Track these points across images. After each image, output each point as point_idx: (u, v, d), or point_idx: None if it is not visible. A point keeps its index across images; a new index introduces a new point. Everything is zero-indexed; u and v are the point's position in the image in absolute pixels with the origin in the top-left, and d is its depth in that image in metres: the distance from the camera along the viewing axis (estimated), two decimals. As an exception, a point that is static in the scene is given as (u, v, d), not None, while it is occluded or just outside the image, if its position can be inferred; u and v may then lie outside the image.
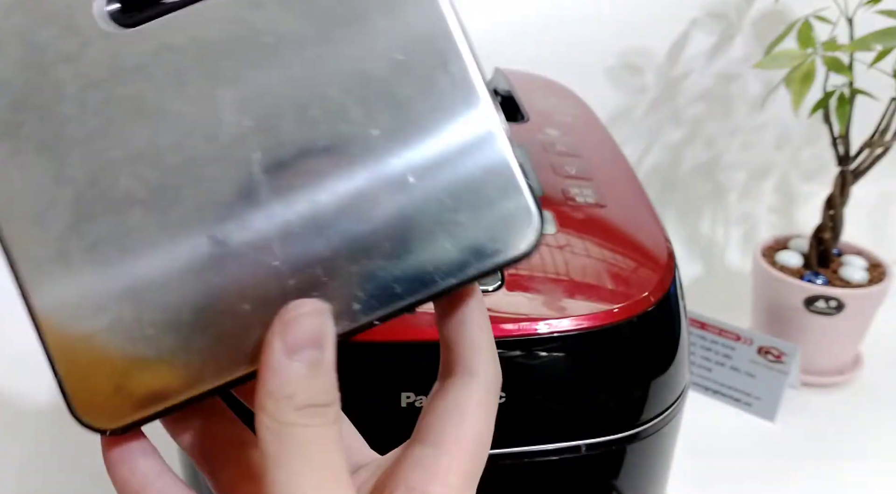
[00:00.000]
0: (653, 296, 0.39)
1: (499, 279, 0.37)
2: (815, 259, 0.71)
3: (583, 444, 0.38)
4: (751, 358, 0.67)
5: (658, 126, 0.91)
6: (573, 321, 0.36)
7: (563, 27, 0.84)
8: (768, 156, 0.93)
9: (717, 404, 0.69)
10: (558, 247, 0.40)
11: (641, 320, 0.38)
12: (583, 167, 0.47)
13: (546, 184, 0.45)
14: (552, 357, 0.36)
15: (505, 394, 0.36)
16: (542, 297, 0.37)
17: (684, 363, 0.41)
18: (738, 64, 0.86)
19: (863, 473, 0.61)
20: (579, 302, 0.37)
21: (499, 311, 0.36)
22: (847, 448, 0.64)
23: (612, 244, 0.41)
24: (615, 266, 0.39)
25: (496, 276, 0.37)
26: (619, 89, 0.88)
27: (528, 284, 0.37)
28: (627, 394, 0.39)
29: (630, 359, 0.39)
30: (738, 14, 0.85)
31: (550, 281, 0.38)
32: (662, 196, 0.93)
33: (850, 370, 0.72)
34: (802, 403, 0.69)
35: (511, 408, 0.36)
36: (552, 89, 0.63)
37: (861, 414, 0.68)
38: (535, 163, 0.47)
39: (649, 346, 0.39)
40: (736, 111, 0.90)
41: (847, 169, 0.68)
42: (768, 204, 0.94)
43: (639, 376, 0.39)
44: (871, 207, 0.91)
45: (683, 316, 0.41)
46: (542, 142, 0.49)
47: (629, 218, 0.44)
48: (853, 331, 0.71)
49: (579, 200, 0.44)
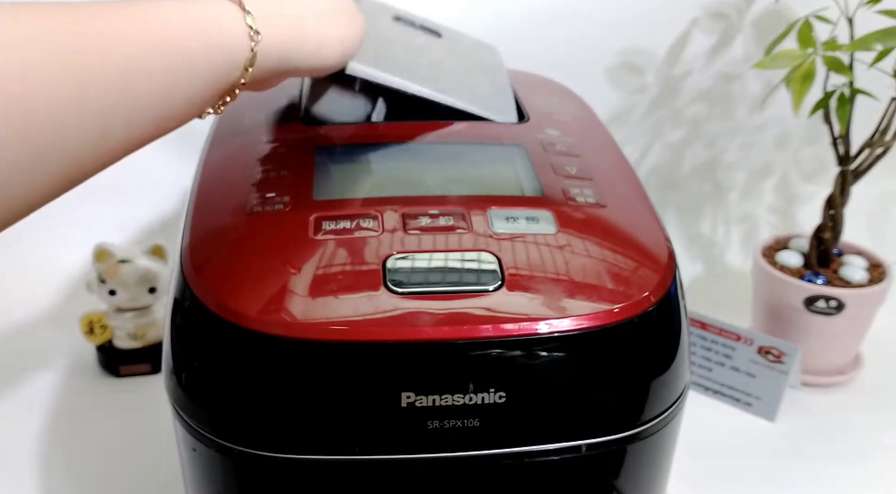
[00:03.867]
0: (653, 296, 0.38)
1: (499, 278, 0.38)
2: (815, 259, 0.71)
3: (583, 444, 0.38)
4: (751, 358, 0.67)
5: (658, 126, 0.91)
6: (573, 321, 0.36)
7: (564, 27, 0.84)
8: (768, 156, 0.93)
9: (717, 404, 0.69)
10: (558, 247, 0.40)
11: (642, 320, 0.38)
12: (583, 167, 0.47)
13: (546, 184, 0.45)
14: (552, 357, 0.36)
15: (505, 394, 0.36)
16: (542, 297, 0.37)
17: (684, 363, 0.41)
18: (738, 64, 0.87)
19: (863, 473, 0.61)
20: (580, 301, 0.37)
21: (499, 311, 0.36)
22: (847, 448, 0.64)
23: (612, 244, 0.41)
24: (615, 266, 0.39)
25: (496, 276, 0.37)
26: (619, 89, 0.88)
27: (528, 284, 0.37)
28: (628, 394, 0.39)
29: (630, 359, 0.38)
30: (738, 14, 0.85)
31: (551, 281, 0.38)
32: (662, 196, 0.93)
33: (850, 370, 0.72)
34: (802, 403, 0.69)
35: (512, 408, 0.36)
36: (553, 89, 0.63)
37: (861, 414, 0.68)
38: (536, 162, 0.47)
39: (650, 346, 0.39)
40: (736, 111, 0.90)
41: (847, 169, 0.68)
42: (768, 204, 0.94)
43: (639, 376, 0.39)
44: (872, 207, 0.91)
45: (684, 316, 0.41)
46: (543, 142, 0.49)
47: (629, 217, 0.44)
48: (853, 331, 0.71)
49: (579, 200, 0.43)
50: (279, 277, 0.37)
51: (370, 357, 0.35)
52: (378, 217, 0.41)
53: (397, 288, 0.37)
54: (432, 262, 0.38)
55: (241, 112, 0.56)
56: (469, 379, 0.35)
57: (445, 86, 0.52)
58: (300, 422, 0.36)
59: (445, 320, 0.35)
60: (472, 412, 0.36)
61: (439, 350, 0.35)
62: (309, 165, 0.46)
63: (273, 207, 0.42)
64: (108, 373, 0.71)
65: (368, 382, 0.35)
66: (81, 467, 0.60)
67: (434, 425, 0.36)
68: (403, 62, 0.53)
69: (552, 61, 0.73)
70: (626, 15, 0.84)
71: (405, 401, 0.35)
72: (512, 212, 0.42)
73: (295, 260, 0.38)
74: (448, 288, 0.37)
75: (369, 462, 0.36)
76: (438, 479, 0.39)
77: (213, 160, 0.50)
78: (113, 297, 0.68)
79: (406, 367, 0.35)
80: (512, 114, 0.53)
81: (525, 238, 0.40)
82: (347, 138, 0.50)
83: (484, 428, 0.36)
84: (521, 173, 0.46)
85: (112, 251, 0.68)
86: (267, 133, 0.51)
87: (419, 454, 0.37)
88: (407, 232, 0.40)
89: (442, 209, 0.42)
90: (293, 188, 0.44)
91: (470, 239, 0.40)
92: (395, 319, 0.35)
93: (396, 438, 0.37)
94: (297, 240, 0.39)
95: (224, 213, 0.43)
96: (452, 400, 0.35)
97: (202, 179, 0.47)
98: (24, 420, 0.65)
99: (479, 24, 0.84)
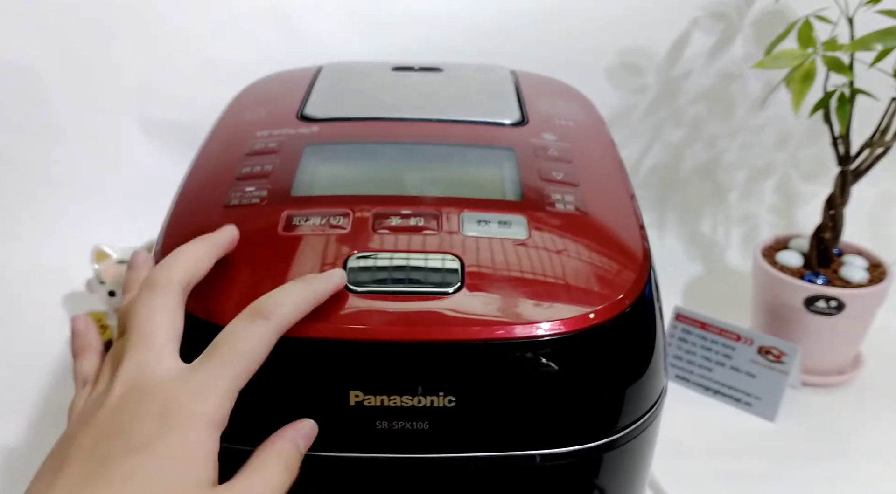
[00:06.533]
0: (627, 299, 0.38)
1: (459, 281, 0.37)
2: (815, 259, 0.71)
3: (538, 454, 0.37)
4: (751, 358, 0.67)
5: (658, 126, 0.90)
6: (527, 326, 0.36)
7: (564, 26, 0.84)
8: (768, 156, 0.93)
9: (717, 404, 0.69)
10: (526, 252, 0.39)
11: (616, 324, 0.37)
12: (571, 172, 0.46)
13: (528, 188, 0.44)
14: (503, 362, 0.36)
15: (455, 398, 0.35)
16: (500, 301, 0.36)
17: (661, 366, 0.41)
18: (738, 64, 0.86)
19: (863, 473, 0.61)
20: (538, 307, 0.36)
21: (470, 315, 0.36)
22: (847, 448, 0.64)
23: (582, 250, 0.40)
24: (582, 272, 0.39)
25: (456, 278, 0.37)
26: (619, 89, 0.88)
27: (489, 288, 0.37)
28: (602, 401, 0.38)
29: (604, 364, 0.38)
30: (738, 14, 0.85)
31: (512, 284, 0.37)
32: (662, 196, 0.93)
33: (850, 370, 0.72)
34: (802, 403, 0.69)
35: (460, 413, 0.36)
36: (562, 93, 0.62)
37: (861, 414, 0.68)
38: (522, 166, 0.46)
39: (624, 350, 0.39)
40: (736, 111, 0.90)
41: (847, 169, 0.68)
42: (768, 204, 0.94)
43: (613, 381, 0.38)
44: (872, 207, 0.91)
45: (659, 319, 0.41)
46: (535, 147, 0.49)
47: (606, 225, 0.43)
48: (853, 331, 0.71)
49: (558, 206, 0.43)
50: (240, 272, 0.38)
51: (321, 353, 0.35)
52: (349, 215, 0.41)
53: (356, 287, 0.37)
54: (393, 262, 0.38)
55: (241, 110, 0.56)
56: (417, 381, 0.35)
57: (435, 108, 0.54)
58: (251, 416, 0.35)
59: (397, 320, 0.35)
60: (421, 414, 0.36)
61: (388, 350, 0.35)
62: (295, 161, 0.46)
63: (249, 201, 0.42)
64: (107, 374, 0.71)
65: (319, 379, 0.36)
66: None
67: (383, 425, 0.36)
68: (390, 100, 0.56)
69: (552, 61, 0.73)
70: (626, 15, 0.84)
71: (353, 400, 0.35)
72: (485, 216, 0.41)
73: (260, 255, 0.39)
74: (406, 288, 0.37)
75: (316, 459, 0.36)
76: (387, 479, 0.38)
77: (205, 155, 0.50)
78: (112, 298, 0.68)
79: (355, 365, 0.35)
80: (511, 117, 0.53)
81: (493, 242, 0.40)
82: (340, 136, 0.50)
83: (433, 432, 0.36)
84: (506, 176, 0.46)
85: (110, 252, 0.68)
86: (261, 129, 0.51)
87: (367, 453, 0.37)
88: (375, 231, 0.40)
89: (415, 209, 0.41)
90: (273, 183, 0.44)
91: (436, 240, 0.40)
92: (347, 317, 0.36)
93: (344, 436, 0.36)
94: (266, 235, 0.40)
95: (204, 205, 0.44)
96: (401, 401, 0.35)
97: (191, 172, 0.48)
98: (24, 420, 0.65)
99: (480, 24, 0.84)
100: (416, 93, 0.58)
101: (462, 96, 0.58)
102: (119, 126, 0.86)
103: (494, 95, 0.58)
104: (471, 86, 0.60)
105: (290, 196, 0.43)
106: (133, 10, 0.82)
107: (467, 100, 0.57)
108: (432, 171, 0.47)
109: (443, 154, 0.48)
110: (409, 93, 0.58)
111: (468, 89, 0.59)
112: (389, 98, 0.57)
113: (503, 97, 0.57)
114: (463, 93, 0.58)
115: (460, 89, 0.59)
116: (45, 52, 0.82)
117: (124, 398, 0.32)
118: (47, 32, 0.81)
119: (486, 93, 0.59)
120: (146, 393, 0.32)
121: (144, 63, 0.84)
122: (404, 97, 0.57)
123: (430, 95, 0.57)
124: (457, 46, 0.83)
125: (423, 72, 0.62)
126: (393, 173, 0.46)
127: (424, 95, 0.57)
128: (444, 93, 0.58)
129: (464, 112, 0.53)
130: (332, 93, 0.57)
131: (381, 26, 0.84)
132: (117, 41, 0.82)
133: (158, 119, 0.86)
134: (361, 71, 0.63)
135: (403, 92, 0.58)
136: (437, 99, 0.57)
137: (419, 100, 0.56)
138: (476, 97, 0.58)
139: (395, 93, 0.58)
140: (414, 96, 0.57)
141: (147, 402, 0.32)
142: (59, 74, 0.83)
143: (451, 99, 0.57)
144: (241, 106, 0.57)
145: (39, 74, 0.82)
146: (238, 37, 0.83)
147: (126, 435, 0.31)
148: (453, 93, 0.58)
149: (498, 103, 0.56)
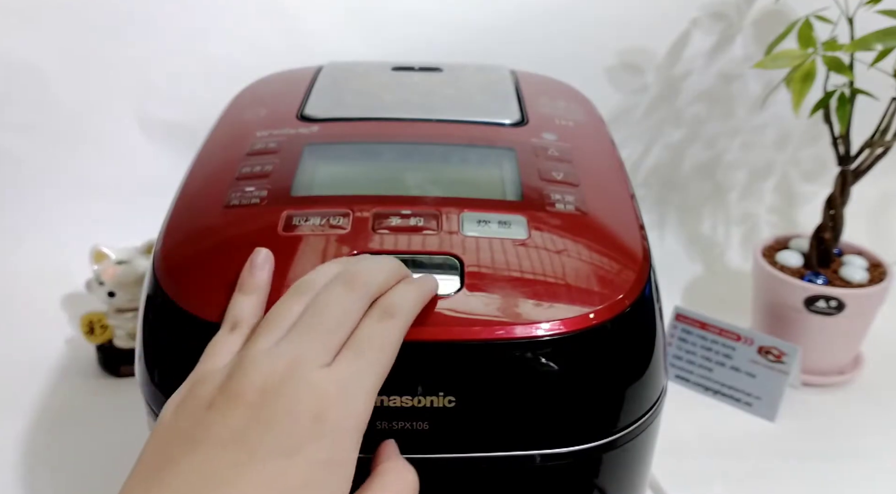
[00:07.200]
0: (627, 299, 0.38)
1: (459, 281, 0.37)
2: (815, 259, 0.71)
3: (537, 455, 0.37)
4: (751, 358, 0.67)
5: (658, 126, 0.90)
6: (527, 326, 0.36)
7: (564, 26, 0.84)
8: (768, 156, 0.93)
9: (717, 404, 0.69)
10: (526, 252, 0.39)
11: (615, 324, 0.37)
12: (571, 172, 0.46)
13: (528, 188, 0.44)
14: (503, 362, 0.36)
15: (455, 398, 0.35)
16: (500, 301, 0.36)
17: (661, 366, 0.41)
18: (738, 64, 0.86)
19: (863, 473, 0.61)
20: (538, 307, 0.36)
21: (470, 314, 0.36)
22: (847, 448, 0.64)
23: (582, 251, 0.40)
24: (582, 272, 0.39)
25: (457, 278, 0.37)
26: (619, 89, 0.88)
27: (489, 288, 0.37)
28: (602, 401, 0.38)
29: (604, 364, 0.38)
30: (738, 14, 0.85)
31: (512, 284, 0.37)
32: (662, 196, 0.93)
33: (850, 370, 0.72)
34: (802, 403, 0.69)
35: (461, 413, 0.36)
36: (562, 93, 0.62)
37: (861, 414, 0.68)
38: (522, 166, 0.46)
39: (624, 350, 0.38)
40: (736, 111, 0.90)
41: (847, 169, 0.68)
42: (768, 204, 0.94)
43: (613, 381, 0.38)
44: (872, 207, 0.91)
45: (659, 319, 0.41)
46: (535, 147, 0.49)
47: (607, 223, 0.43)
48: (853, 331, 0.71)
49: (558, 206, 0.43)
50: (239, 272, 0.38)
51: None
52: (349, 215, 0.41)
53: None
54: None
55: (241, 110, 0.56)
56: (417, 382, 0.35)
57: (435, 108, 0.54)
58: None
59: None
60: (421, 415, 0.36)
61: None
62: (295, 161, 0.46)
63: (249, 201, 0.42)
64: (107, 373, 0.71)
65: None
66: (82, 467, 0.60)
67: (382, 425, 0.36)
68: (390, 100, 0.56)
69: (552, 61, 0.73)
70: (626, 15, 0.84)
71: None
72: (485, 216, 0.41)
73: None
74: None
75: None
76: None
77: (205, 154, 0.50)
78: (112, 298, 0.68)
79: None
80: (510, 117, 0.53)
81: (493, 242, 0.40)
82: (340, 136, 0.50)
83: (433, 432, 0.36)
84: (506, 176, 0.46)
85: (109, 253, 0.68)
86: (261, 129, 0.51)
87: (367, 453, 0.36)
88: (375, 231, 0.40)
89: (415, 209, 0.41)
90: (273, 183, 0.44)
91: (436, 240, 0.39)
92: None
93: None
94: (266, 235, 0.40)
95: (204, 205, 0.43)
96: (401, 401, 0.35)
97: (191, 172, 0.48)
98: (24, 420, 0.65)
99: (480, 24, 0.84)
100: (416, 93, 0.58)
101: (462, 96, 0.58)
102: (119, 126, 0.86)
103: (494, 95, 0.58)
104: (471, 86, 0.60)
105: (290, 196, 0.43)
106: (134, 10, 0.82)
107: (467, 100, 0.57)
108: (432, 171, 0.47)
109: (443, 154, 0.48)
110: (409, 93, 0.58)
111: (468, 89, 0.59)
112: (389, 98, 0.57)
113: (503, 97, 0.57)
114: (463, 93, 0.59)
115: (460, 89, 0.59)
116: (45, 52, 0.82)
117: (282, 382, 0.29)
118: (47, 32, 0.81)
119: (486, 93, 0.59)
120: (303, 386, 0.30)
121: (145, 63, 0.84)
122: (404, 97, 0.57)
123: (430, 95, 0.57)
124: (457, 46, 0.83)
125: (423, 72, 0.62)
126: (393, 173, 0.46)
127: (424, 95, 0.57)
128: (444, 93, 0.58)
129: (464, 112, 0.53)
130: (332, 93, 0.57)
131: (381, 26, 0.84)
132: (118, 41, 0.83)
133: (159, 119, 0.86)
134: (361, 71, 0.63)
135: (403, 92, 0.58)
136: (437, 99, 0.57)
137: (419, 100, 0.56)
138: (476, 97, 0.58)
139: (395, 93, 0.58)
140: (414, 96, 0.57)
141: (304, 397, 0.29)
142: (59, 74, 0.83)
143: (451, 99, 0.57)
144: (241, 106, 0.57)
145: (40, 74, 0.82)
146: (238, 37, 0.83)
147: (278, 430, 0.29)
148: (453, 93, 0.58)
149: (498, 103, 0.56)
